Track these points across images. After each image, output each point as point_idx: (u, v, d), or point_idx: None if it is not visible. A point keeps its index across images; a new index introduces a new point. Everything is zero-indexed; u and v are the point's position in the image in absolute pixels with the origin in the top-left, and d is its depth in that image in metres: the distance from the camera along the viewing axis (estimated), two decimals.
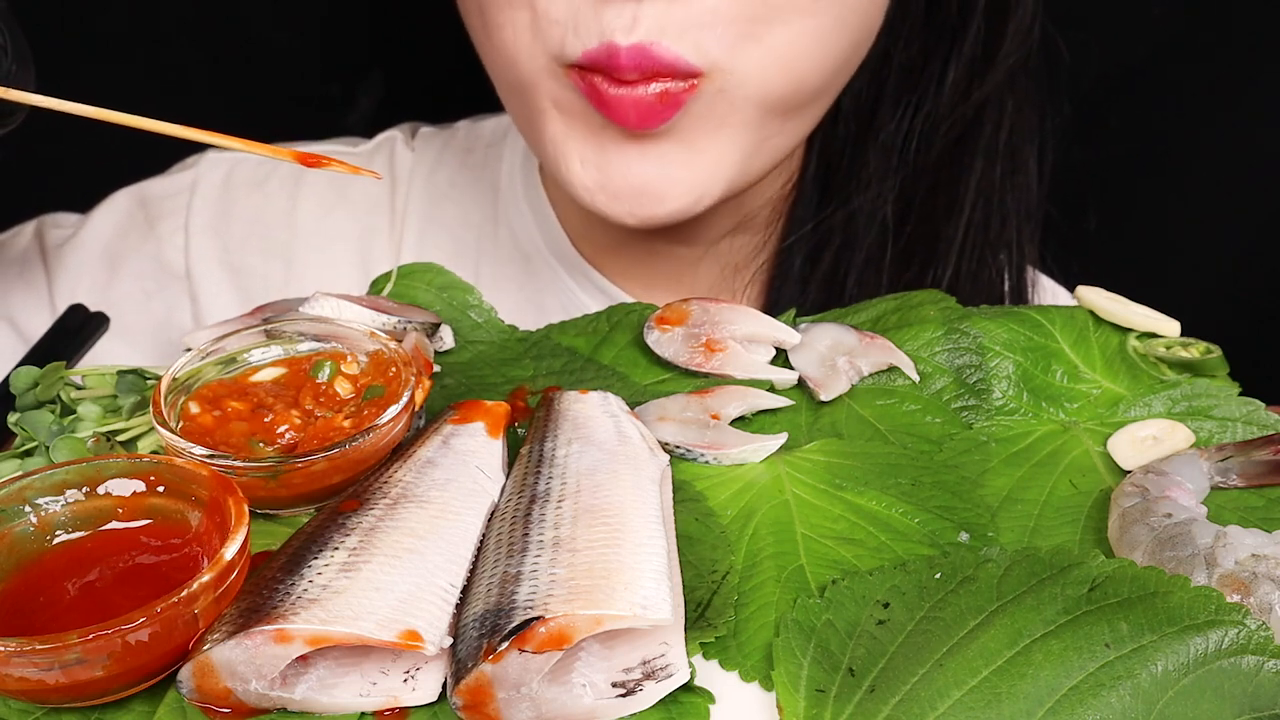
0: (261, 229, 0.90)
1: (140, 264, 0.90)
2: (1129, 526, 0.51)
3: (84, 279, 0.89)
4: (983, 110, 0.82)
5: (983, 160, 0.83)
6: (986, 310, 0.66)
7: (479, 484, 0.53)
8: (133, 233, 0.90)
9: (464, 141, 0.93)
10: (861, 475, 0.56)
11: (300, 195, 0.91)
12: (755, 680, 0.46)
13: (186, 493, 0.48)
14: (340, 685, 0.44)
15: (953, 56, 0.79)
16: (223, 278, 0.89)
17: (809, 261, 0.83)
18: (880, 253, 0.82)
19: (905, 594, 0.47)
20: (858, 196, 0.81)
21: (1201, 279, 1.15)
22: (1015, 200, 0.85)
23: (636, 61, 0.61)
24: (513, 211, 0.88)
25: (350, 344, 0.59)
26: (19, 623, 0.44)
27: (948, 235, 0.83)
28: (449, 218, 0.90)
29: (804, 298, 0.83)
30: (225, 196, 0.91)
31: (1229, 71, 1.08)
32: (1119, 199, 1.01)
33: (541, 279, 0.87)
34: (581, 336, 0.68)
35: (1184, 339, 0.64)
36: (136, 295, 0.89)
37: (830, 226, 0.82)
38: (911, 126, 0.80)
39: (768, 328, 0.65)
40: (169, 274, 0.90)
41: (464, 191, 0.90)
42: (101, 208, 0.92)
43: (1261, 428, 0.58)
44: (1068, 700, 0.42)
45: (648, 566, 0.46)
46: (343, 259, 0.89)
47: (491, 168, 0.90)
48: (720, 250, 0.84)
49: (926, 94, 0.81)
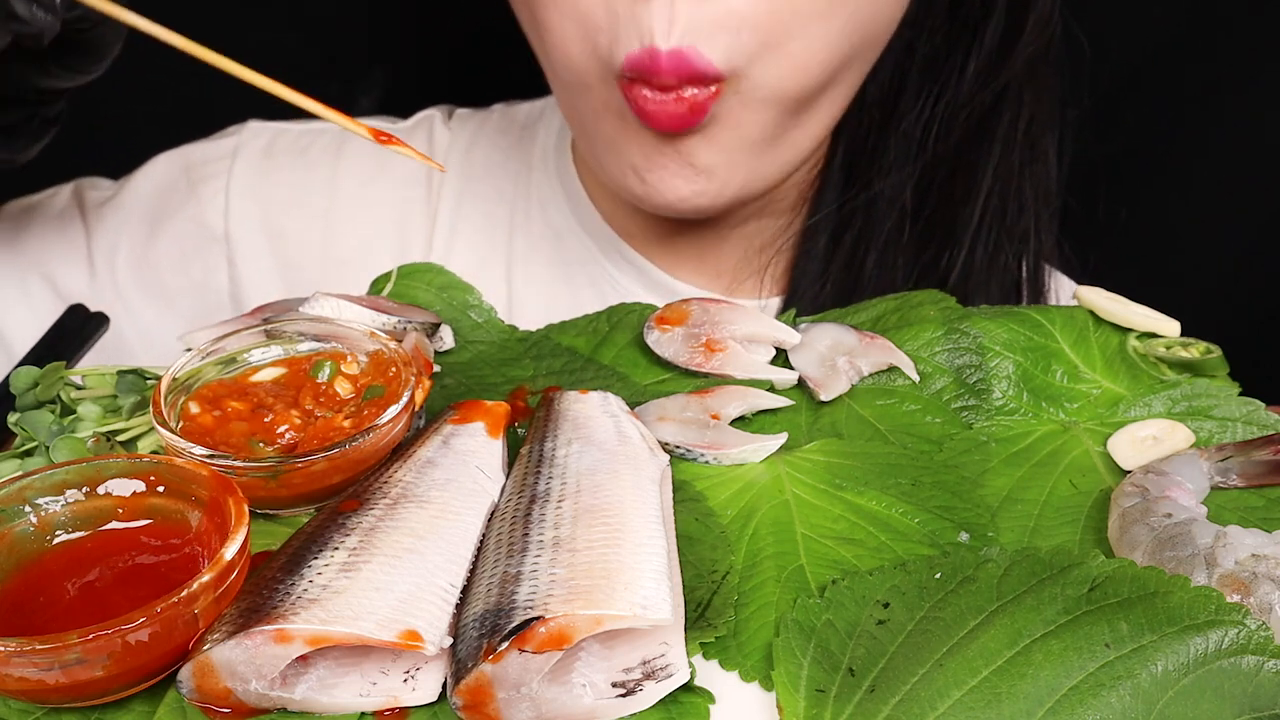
0: (302, 195, 0.92)
1: (180, 225, 0.91)
2: (1129, 526, 0.51)
3: (124, 238, 0.90)
4: (1002, 99, 0.85)
5: (1001, 148, 0.86)
6: (986, 310, 0.66)
7: (479, 484, 0.53)
8: (174, 195, 0.92)
9: (499, 123, 0.97)
10: (861, 475, 0.56)
11: (341, 165, 0.93)
12: (755, 680, 0.46)
13: (186, 493, 0.48)
14: (340, 685, 0.44)
15: (974, 47, 0.83)
16: (261, 242, 0.91)
17: (831, 242, 0.87)
18: (899, 235, 0.86)
19: (905, 594, 0.47)
20: (879, 181, 0.85)
21: (1201, 279, 1.15)
22: (1033, 188, 0.88)
23: (675, 65, 0.68)
24: (545, 190, 0.92)
25: (350, 344, 0.59)
26: (19, 623, 0.44)
27: (964, 219, 0.86)
28: (483, 194, 0.93)
29: (825, 277, 0.87)
30: (267, 163, 0.93)
31: (1229, 71, 1.08)
32: (1119, 198, 1.01)
33: (571, 253, 0.90)
34: (581, 336, 0.68)
35: (1184, 339, 0.64)
36: (175, 256, 0.91)
37: (852, 209, 0.86)
38: (932, 114, 0.84)
39: (768, 328, 0.65)
40: (208, 236, 0.91)
41: (498, 170, 0.93)
42: (143, 169, 0.93)
43: (1261, 428, 0.58)
44: (1068, 700, 0.42)
45: (648, 566, 0.46)
46: (380, 228, 0.92)
47: (525, 148, 0.94)
48: (745, 231, 0.88)
49: (948, 83, 0.84)
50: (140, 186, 0.92)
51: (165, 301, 0.91)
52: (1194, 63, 1.08)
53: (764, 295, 0.89)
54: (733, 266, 0.89)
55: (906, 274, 0.86)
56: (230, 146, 0.93)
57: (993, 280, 0.87)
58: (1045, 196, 0.89)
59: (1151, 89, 1.04)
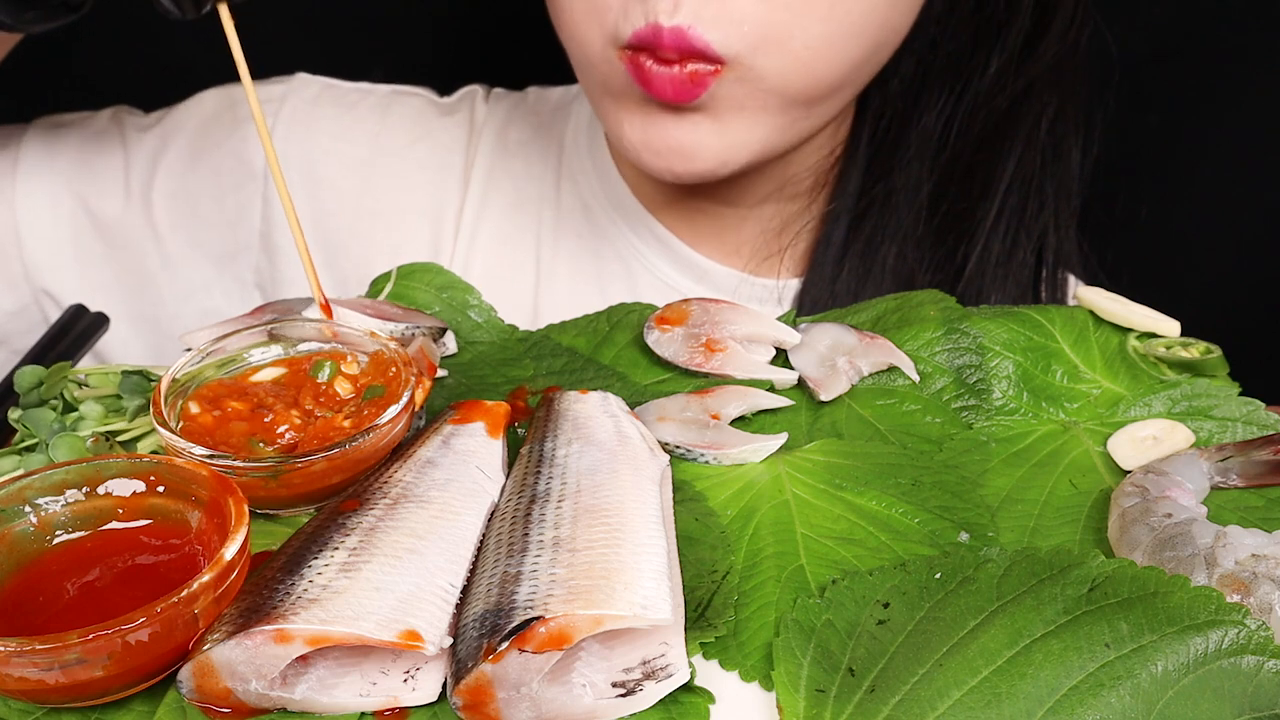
0: (346, 145, 0.94)
1: (221, 159, 0.92)
2: (1129, 526, 0.51)
3: (162, 165, 0.91)
4: (1026, 98, 0.87)
5: (1023, 147, 0.88)
6: (986, 310, 0.66)
7: (479, 484, 0.53)
8: (218, 129, 0.93)
9: (532, 104, 1.00)
10: (861, 475, 0.56)
11: (387, 123, 0.95)
12: (755, 680, 0.46)
13: (186, 493, 0.48)
14: (340, 685, 0.44)
15: (997, 48, 0.85)
16: (299, 185, 0.92)
17: (850, 229, 0.89)
18: (917, 226, 0.88)
19: (905, 594, 0.47)
20: (899, 173, 0.88)
21: (1201, 279, 1.15)
22: (1054, 187, 0.90)
23: (675, 41, 0.71)
24: (576, 167, 0.95)
25: (350, 344, 0.59)
26: (19, 623, 0.44)
27: (982, 213, 0.88)
28: (515, 169, 0.96)
29: (842, 264, 0.89)
30: (314, 110, 0.95)
31: (1230, 71, 1.08)
32: (1118, 199, 1.01)
33: (599, 226, 0.93)
34: (581, 336, 0.68)
35: (1184, 339, 0.64)
36: (211, 189, 0.92)
37: (872, 199, 0.89)
38: (954, 110, 0.87)
39: (768, 328, 0.65)
40: (247, 173, 0.92)
41: (530, 146, 0.97)
42: (189, 101, 0.95)
43: (1261, 428, 0.58)
44: (1068, 700, 0.42)
45: (648, 566, 0.46)
46: (414, 189, 0.94)
47: (558, 129, 0.98)
48: (764, 213, 0.91)
49: (970, 81, 0.86)
50: (185, 117, 0.93)
51: (195, 234, 0.92)
52: (1193, 63, 1.08)
53: (783, 276, 0.91)
54: (752, 248, 0.92)
55: (923, 264, 0.88)
56: (280, 91, 0.95)
57: (1009, 276, 0.89)
58: (1065, 195, 0.91)
59: (1151, 89, 1.04)
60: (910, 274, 0.88)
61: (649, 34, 0.72)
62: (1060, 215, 0.91)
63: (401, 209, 0.93)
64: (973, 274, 0.88)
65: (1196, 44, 1.07)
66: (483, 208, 0.94)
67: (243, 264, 0.93)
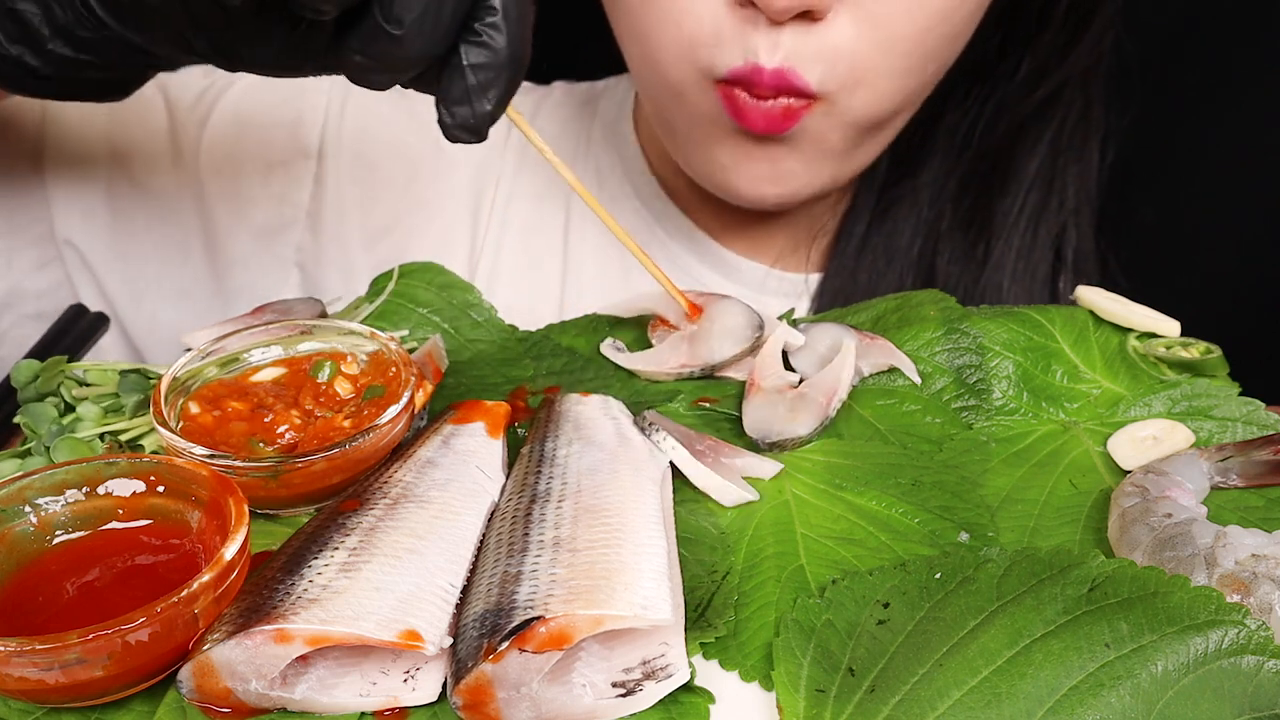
0: (399, 130, 0.95)
1: (273, 133, 0.92)
2: (1129, 526, 0.51)
3: (211, 133, 0.91)
4: (1052, 102, 0.89)
5: (1047, 148, 0.90)
6: (986, 310, 0.66)
7: (479, 484, 0.53)
8: (275, 104, 0.93)
9: (560, 98, 1.02)
10: (861, 475, 0.56)
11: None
12: (755, 680, 0.46)
13: (186, 493, 0.48)
14: (340, 685, 0.44)
15: (1026, 56, 0.87)
16: (350, 165, 0.93)
17: (871, 225, 0.91)
18: (938, 222, 0.90)
19: (905, 594, 0.47)
20: (923, 171, 0.90)
21: (1201, 279, 1.15)
22: (1075, 189, 0.92)
23: (776, 82, 0.73)
24: (603, 159, 0.97)
25: (350, 344, 0.59)
26: (19, 623, 0.44)
27: (1003, 211, 0.90)
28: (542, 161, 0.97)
29: (864, 256, 0.91)
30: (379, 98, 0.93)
31: (1230, 71, 1.08)
32: (1118, 199, 1.01)
33: (625, 218, 0.94)
34: (581, 336, 0.68)
35: (1184, 339, 0.64)
36: (259, 163, 0.92)
37: (897, 195, 0.90)
38: (979, 113, 0.89)
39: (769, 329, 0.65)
40: (300, 151, 0.92)
41: (557, 140, 0.98)
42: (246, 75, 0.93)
43: (1261, 428, 0.58)
44: (1068, 700, 0.42)
45: (648, 566, 0.46)
46: (457, 182, 0.95)
47: (584, 122, 1.00)
48: (795, 214, 0.92)
49: (997, 86, 0.88)
50: (241, 89, 0.92)
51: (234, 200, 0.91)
52: (1193, 62, 1.08)
53: (809, 271, 0.92)
54: (779, 242, 0.93)
55: (945, 257, 0.90)
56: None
57: (1029, 271, 0.90)
58: (1085, 195, 0.93)
59: (1150, 89, 1.04)
60: (930, 268, 0.90)
61: (749, 73, 0.73)
62: (1080, 214, 0.92)
63: (444, 198, 0.94)
64: (994, 268, 0.89)
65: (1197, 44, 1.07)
66: (511, 200, 0.95)
67: (285, 240, 0.93)
